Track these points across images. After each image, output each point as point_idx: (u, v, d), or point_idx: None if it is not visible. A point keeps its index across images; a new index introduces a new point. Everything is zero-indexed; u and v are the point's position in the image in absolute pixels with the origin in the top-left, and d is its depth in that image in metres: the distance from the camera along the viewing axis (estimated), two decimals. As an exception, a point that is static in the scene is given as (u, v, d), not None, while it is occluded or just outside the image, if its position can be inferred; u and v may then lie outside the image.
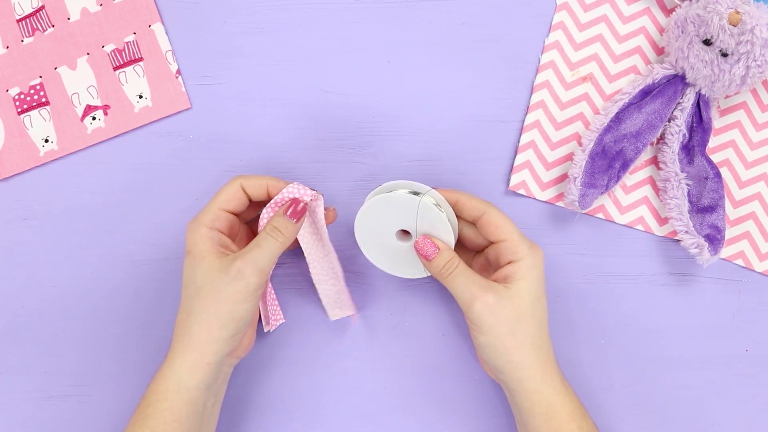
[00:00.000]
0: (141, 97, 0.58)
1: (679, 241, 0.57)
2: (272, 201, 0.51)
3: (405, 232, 0.53)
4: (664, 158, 0.57)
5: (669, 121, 0.57)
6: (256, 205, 0.54)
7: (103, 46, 0.58)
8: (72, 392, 0.57)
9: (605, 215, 0.59)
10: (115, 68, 0.58)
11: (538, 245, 0.51)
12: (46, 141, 0.58)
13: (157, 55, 0.58)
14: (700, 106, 0.56)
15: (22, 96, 0.58)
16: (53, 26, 0.58)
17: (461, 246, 0.55)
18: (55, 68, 0.58)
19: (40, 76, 0.58)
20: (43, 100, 0.58)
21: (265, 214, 0.52)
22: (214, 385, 0.50)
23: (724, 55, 0.53)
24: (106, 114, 0.58)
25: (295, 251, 0.57)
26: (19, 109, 0.58)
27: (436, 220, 0.50)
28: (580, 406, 0.51)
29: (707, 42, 0.53)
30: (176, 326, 0.50)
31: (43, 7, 0.58)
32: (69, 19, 0.58)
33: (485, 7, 0.59)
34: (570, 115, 0.59)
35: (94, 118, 0.58)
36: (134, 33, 0.58)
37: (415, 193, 0.50)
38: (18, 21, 0.58)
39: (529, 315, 0.49)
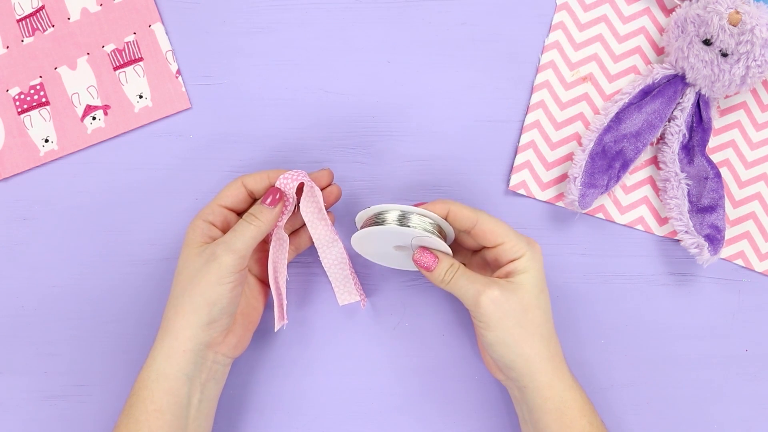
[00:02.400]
0: (141, 97, 0.58)
1: (679, 241, 0.57)
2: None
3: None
4: (664, 158, 0.57)
5: (669, 121, 0.57)
6: None
7: (103, 46, 0.58)
8: (72, 392, 0.57)
9: (605, 215, 0.59)
10: (115, 68, 0.58)
11: (535, 241, 0.51)
12: (46, 141, 0.58)
13: (157, 55, 0.58)
14: (700, 106, 0.56)
15: (22, 96, 0.58)
16: (53, 26, 0.58)
17: (458, 246, 0.55)
18: (55, 68, 0.58)
19: (40, 76, 0.58)
20: (43, 100, 0.58)
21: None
22: (197, 377, 0.49)
23: (724, 55, 0.53)
24: (106, 114, 0.58)
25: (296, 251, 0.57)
26: (19, 109, 0.58)
27: (431, 242, 0.50)
28: (588, 401, 0.51)
29: (707, 42, 0.53)
30: (162, 316, 0.50)
31: (43, 7, 0.58)
32: (69, 19, 0.58)
33: (485, 7, 0.59)
34: (570, 115, 0.59)
35: (94, 118, 0.58)
36: (134, 33, 0.58)
37: (404, 217, 0.50)
38: (18, 21, 0.58)
39: (534, 306, 0.49)
